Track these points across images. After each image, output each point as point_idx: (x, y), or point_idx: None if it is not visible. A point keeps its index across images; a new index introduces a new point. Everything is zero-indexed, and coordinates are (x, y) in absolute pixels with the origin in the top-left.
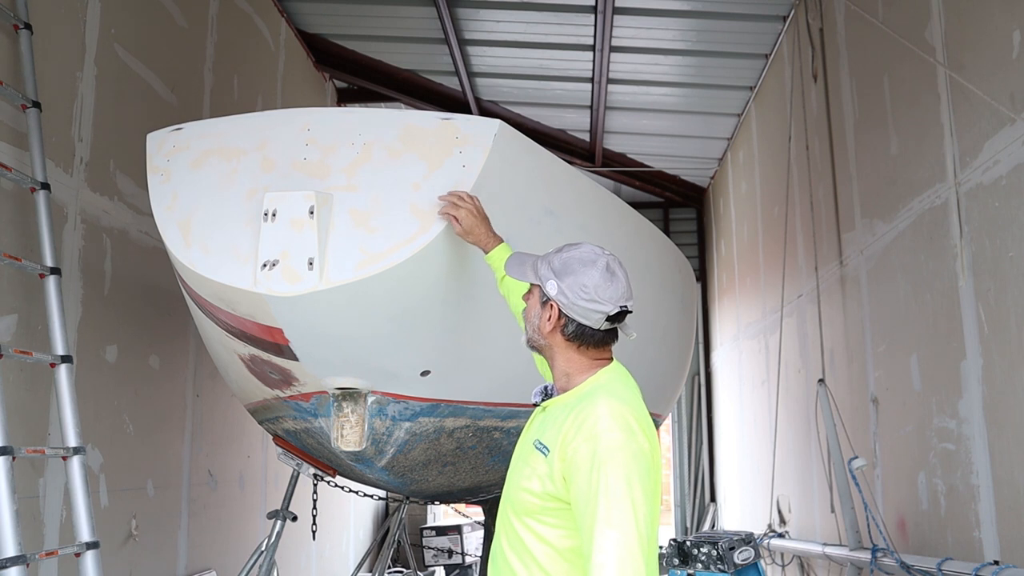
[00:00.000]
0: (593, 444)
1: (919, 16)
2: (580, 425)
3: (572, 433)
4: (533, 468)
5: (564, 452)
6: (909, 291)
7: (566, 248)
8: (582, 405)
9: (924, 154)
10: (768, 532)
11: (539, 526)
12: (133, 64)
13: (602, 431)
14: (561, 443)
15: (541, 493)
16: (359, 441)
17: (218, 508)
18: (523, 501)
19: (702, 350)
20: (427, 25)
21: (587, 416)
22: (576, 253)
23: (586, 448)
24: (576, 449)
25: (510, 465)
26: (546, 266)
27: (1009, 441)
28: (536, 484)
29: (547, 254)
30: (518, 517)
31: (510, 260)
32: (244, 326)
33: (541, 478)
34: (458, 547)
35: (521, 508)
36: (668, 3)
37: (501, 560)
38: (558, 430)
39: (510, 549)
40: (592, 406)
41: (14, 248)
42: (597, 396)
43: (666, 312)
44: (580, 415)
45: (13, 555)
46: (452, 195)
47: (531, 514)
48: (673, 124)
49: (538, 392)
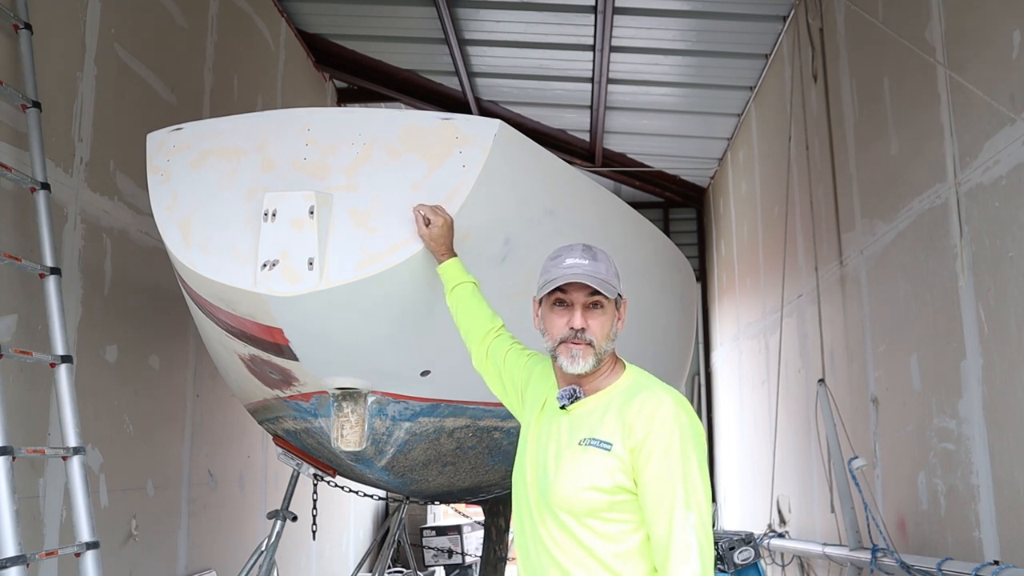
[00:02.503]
0: (668, 430)
1: (919, 16)
2: (652, 414)
3: (641, 423)
4: (593, 465)
5: (634, 442)
6: (909, 291)
7: (599, 252)
8: (643, 396)
9: (924, 154)
10: (768, 532)
11: (603, 525)
12: (133, 64)
13: (672, 418)
14: (629, 434)
15: (611, 488)
16: (359, 441)
17: (218, 508)
18: (586, 501)
19: (702, 350)
20: (427, 25)
21: (656, 406)
22: (599, 250)
23: (661, 434)
24: (647, 435)
25: (535, 471)
26: (615, 278)
27: (1009, 441)
28: (605, 480)
29: (598, 264)
30: (577, 519)
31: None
32: (244, 326)
33: (610, 472)
34: (458, 547)
35: (583, 509)
36: (668, 3)
37: (549, 567)
38: (618, 424)
39: (563, 554)
40: (656, 396)
41: (14, 248)
42: (655, 387)
43: (666, 312)
44: (646, 406)
45: (13, 555)
46: (435, 207)
47: (594, 513)
48: (673, 124)
49: (564, 395)
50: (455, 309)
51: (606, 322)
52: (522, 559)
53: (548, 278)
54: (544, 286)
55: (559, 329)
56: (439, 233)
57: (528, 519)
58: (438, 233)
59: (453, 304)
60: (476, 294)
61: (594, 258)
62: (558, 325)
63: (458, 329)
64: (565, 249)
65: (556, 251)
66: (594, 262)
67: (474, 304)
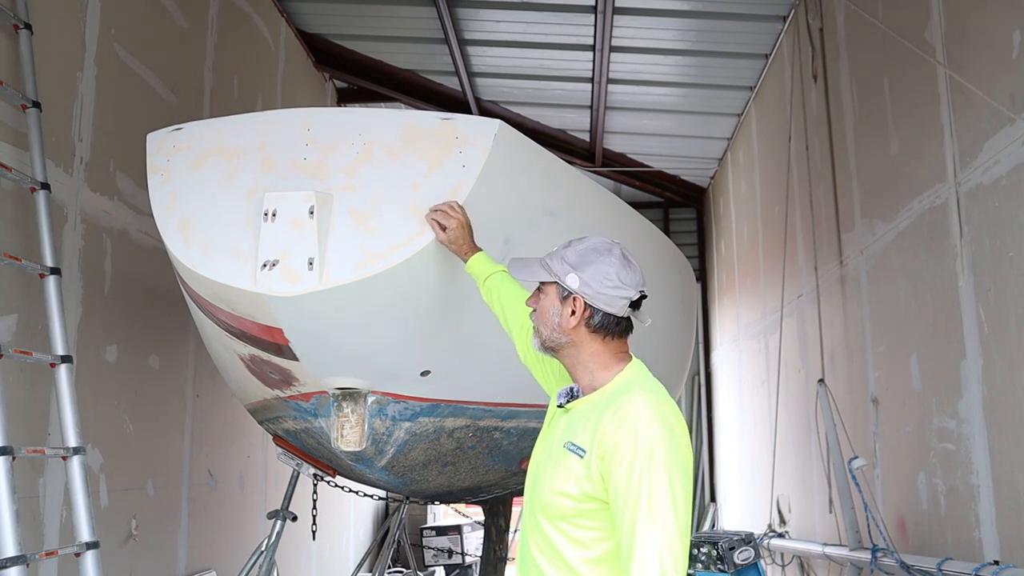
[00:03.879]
0: (634, 440)
1: (919, 16)
2: (620, 422)
3: (611, 430)
4: (568, 470)
5: (603, 450)
6: (909, 291)
7: (574, 242)
8: (619, 402)
9: (924, 154)
10: (768, 532)
11: (574, 530)
12: (133, 64)
13: (642, 427)
14: (599, 442)
15: (578, 495)
16: (359, 441)
17: (218, 508)
18: (557, 505)
19: (702, 350)
20: (427, 25)
21: (627, 412)
22: (588, 244)
23: (628, 444)
24: (616, 445)
25: (533, 469)
26: (559, 262)
27: (1009, 441)
28: (573, 486)
29: (555, 251)
30: (551, 522)
31: (513, 264)
32: (244, 326)
33: (578, 479)
34: (458, 547)
35: (555, 512)
36: (668, 3)
37: (532, 566)
38: (593, 430)
39: (541, 555)
40: (630, 402)
41: (14, 248)
42: (632, 392)
43: (666, 312)
44: (618, 412)
45: (13, 555)
46: (444, 205)
47: (565, 518)
48: (673, 124)
49: (563, 393)
50: (490, 302)
51: (546, 306)
52: (517, 558)
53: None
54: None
55: None
56: (457, 235)
57: (523, 523)
58: (456, 235)
59: (488, 297)
60: (507, 280)
61: (565, 246)
62: None
63: (499, 322)
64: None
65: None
66: (559, 248)
67: (507, 292)
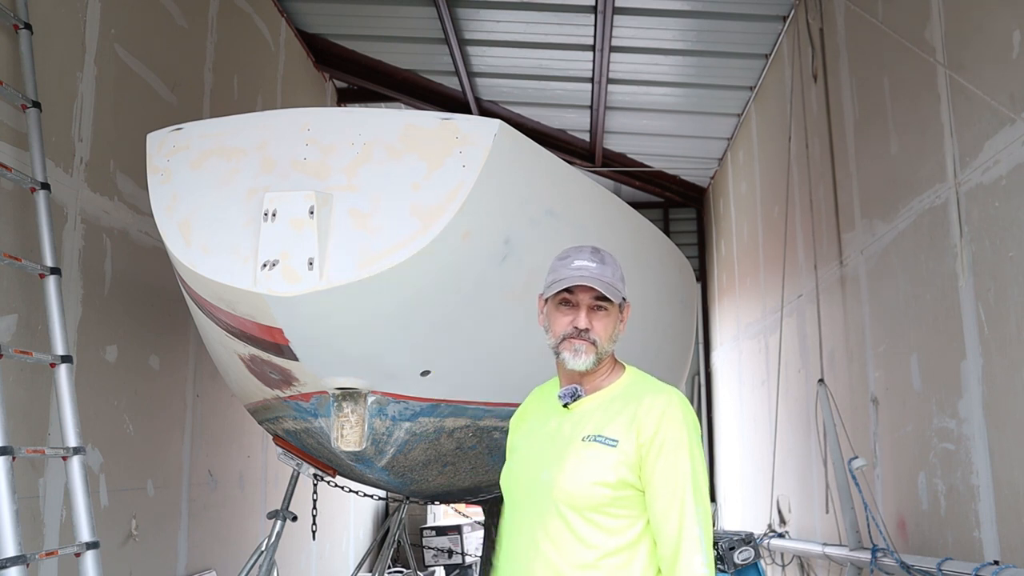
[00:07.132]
0: (679, 428)
1: (919, 16)
2: (662, 413)
3: (653, 421)
4: (600, 461)
5: (642, 438)
6: (909, 291)
7: (602, 252)
8: (651, 396)
9: (924, 154)
10: (768, 532)
11: (606, 519)
12: (133, 64)
13: (682, 416)
14: (635, 431)
15: (616, 483)
16: (359, 441)
17: (218, 508)
18: (592, 495)
19: (702, 350)
20: (427, 25)
21: (666, 405)
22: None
23: (673, 431)
24: (659, 432)
25: (531, 466)
26: (613, 270)
27: (1009, 441)
28: (610, 475)
29: (603, 265)
30: (579, 513)
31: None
32: (244, 326)
33: (614, 467)
34: (458, 547)
35: (587, 503)
36: (668, 3)
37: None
38: (628, 422)
39: (554, 547)
40: (662, 396)
41: (14, 248)
42: (657, 387)
43: (666, 312)
44: (656, 405)
45: (13, 555)
46: None
47: (598, 508)
48: (673, 124)
49: (567, 393)
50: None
51: (609, 324)
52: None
53: (556, 278)
54: (552, 285)
55: (563, 327)
56: None
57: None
58: None
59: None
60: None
61: (602, 261)
62: (562, 323)
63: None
64: (574, 250)
65: (565, 251)
66: (601, 265)
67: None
